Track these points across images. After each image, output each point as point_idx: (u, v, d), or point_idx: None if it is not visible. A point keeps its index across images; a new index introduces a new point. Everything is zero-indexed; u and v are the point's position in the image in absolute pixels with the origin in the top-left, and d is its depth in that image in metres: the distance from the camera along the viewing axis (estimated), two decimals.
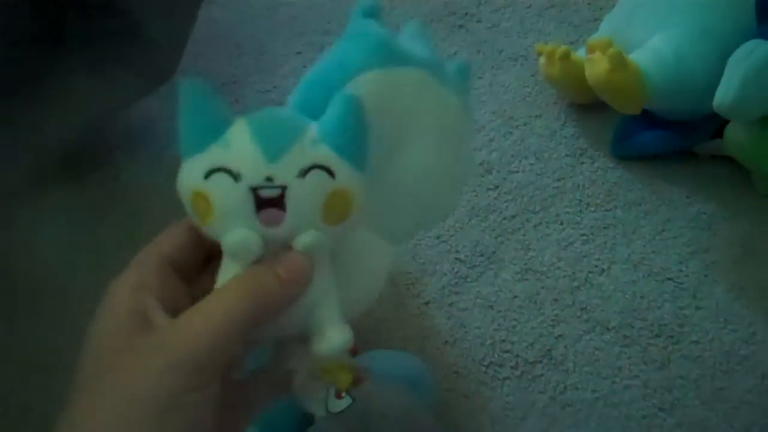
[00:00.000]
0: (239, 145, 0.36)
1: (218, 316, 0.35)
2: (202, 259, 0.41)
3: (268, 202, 0.36)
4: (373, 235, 0.42)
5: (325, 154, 0.36)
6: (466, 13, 1.11)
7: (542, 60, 0.94)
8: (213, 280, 0.38)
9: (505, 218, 0.86)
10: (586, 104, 0.95)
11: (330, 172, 0.36)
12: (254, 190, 0.36)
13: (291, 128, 0.37)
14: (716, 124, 0.83)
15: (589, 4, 1.10)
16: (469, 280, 0.81)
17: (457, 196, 0.46)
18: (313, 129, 0.37)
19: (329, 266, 0.38)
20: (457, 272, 0.81)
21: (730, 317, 0.75)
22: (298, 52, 1.09)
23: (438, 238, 0.85)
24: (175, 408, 0.33)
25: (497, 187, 0.89)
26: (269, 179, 0.36)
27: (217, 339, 0.34)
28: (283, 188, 0.36)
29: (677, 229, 0.83)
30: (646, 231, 0.83)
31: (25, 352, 0.79)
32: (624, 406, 0.71)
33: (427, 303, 0.80)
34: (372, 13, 0.43)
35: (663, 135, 0.88)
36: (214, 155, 0.37)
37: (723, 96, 0.73)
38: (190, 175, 0.37)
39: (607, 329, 0.76)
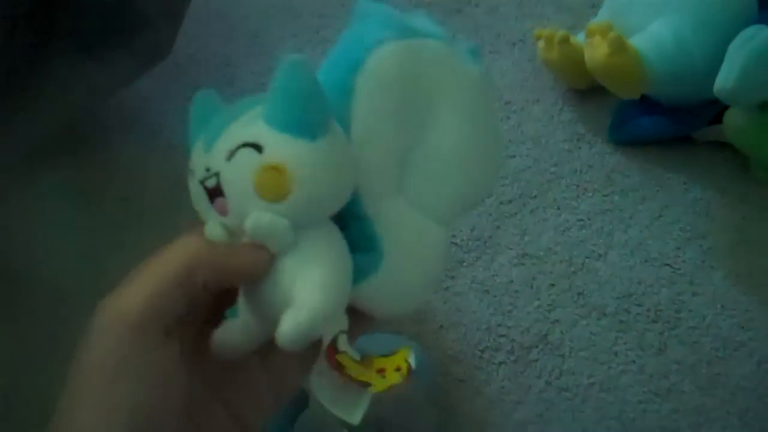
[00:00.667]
0: (197, 144, 0.37)
1: (153, 269, 0.34)
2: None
3: (215, 192, 0.36)
4: (421, 216, 0.40)
5: (254, 130, 0.35)
6: None
7: (541, 44, 0.93)
8: None
9: (501, 203, 0.85)
10: (584, 89, 0.95)
11: (257, 147, 0.35)
12: (202, 182, 0.36)
13: (234, 113, 0.37)
14: (715, 110, 0.83)
15: None
16: (465, 264, 0.80)
17: (496, 169, 0.44)
18: (257, 109, 0.36)
19: (307, 244, 0.36)
20: (454, 257, 0.81)
21: (727, 303, 0.75)
22: (294, 35, 1.09)
23: None
24: (127, 373, 0.33)
25: None
26: (207, 169, 0.36)
27: (156, 293, 0.34)
28: (218, 175, 0.35)
29: (675, 215, 0.83)
30: (643, 216, 0.83)
31: (19, 336, 0.78)
32: (620, 391, 0.71)
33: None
34: None
35: (661, 120, 0.87)
36: (190, 158, 0.37)
37: (724, 81, 0.73)
38: (190, 171, 0.38)
39: (604, 314, 0.76)
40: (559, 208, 0.84)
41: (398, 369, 0.39)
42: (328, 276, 0.36)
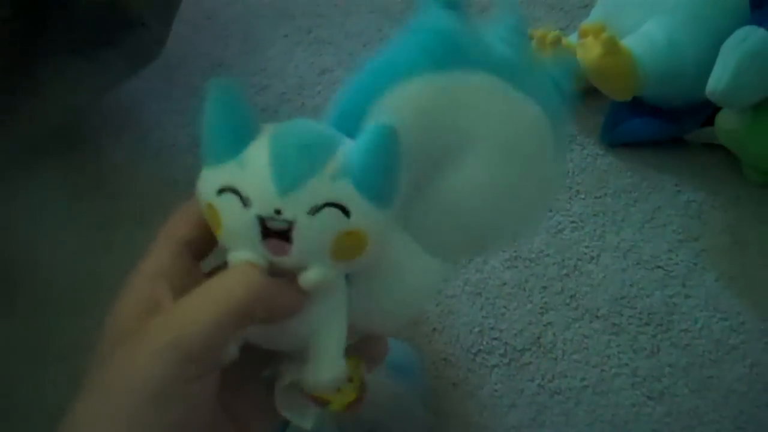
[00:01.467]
0: (255, 169, 0.35)
1: (215, 298, 0.34)
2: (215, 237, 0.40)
3: (277, 234, 0.35)
4: (420, 250, 0.39)
5: (343, 191, 0.34)
6: None
7: (533, 45, 0.93)
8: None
9: None
10: (576, 91, 0.95)
11: (345, 211, 0.34)
12: (261, 219, 0.35)
13: (313, 156, 0.34)
14: (707, 112, 0.83)
15: None
16: (457, 266, 0.80)
17: (529, 218, 0.42)
18: (340, 157, 0.34)
19: (342, 296, 0.37)
20: None
21: (720, 306, 0.75)
22: (286, 35, 1.08)
23: None
24: (167, 399, 0.32)
25: None
26: (278, 212, 0.34)
27: (212, 322, 0.33)
28: (291, 223, 0.34)
29: (667, 217, 0.82)
30: (635, 219, 0.83)
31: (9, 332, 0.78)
32: (613, 394, 0.71)
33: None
34: (453, 4, 0.39)
35: (653, 122, 0.87)
36: (229, 173, 0.35)
37: (716, 82, 0.73)
38: (205, 186, 0.36)
39: (596, 317, 0.75)
40: (551, 210, 0.84)
41: (350, 380, 0.39)
42: (344, 330, 0.37)
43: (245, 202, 0.34)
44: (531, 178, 0.39)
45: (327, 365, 0.36)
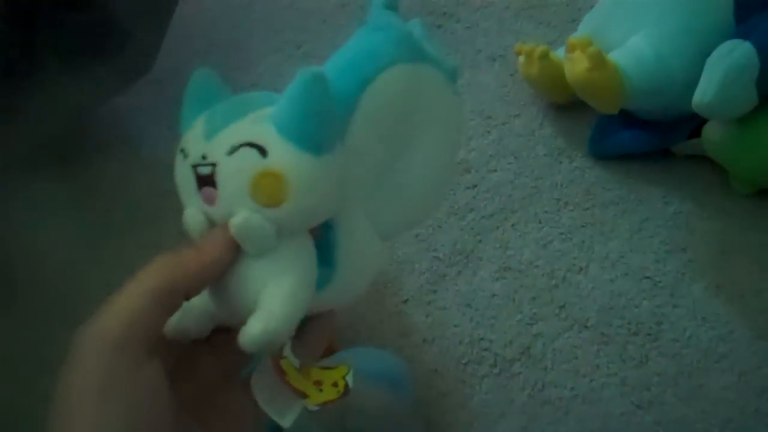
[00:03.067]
0: (195, 126, 0.37)
1: (131, 290, 0.34)
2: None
3: (206, 181, 0.36)
4: (372, 229, 0.41)
5: (261, 132, 0.35)
6: (444, 13, 1.11)
7: (521, 59, 0.94)
8: None
9: (483, 217, 0.86)
10: (564, 104, 0.96)
11: (261, 150, 0.35)
12: (194, 167, 0.36)
13: (240, 108, 0.37)
14: (694, 124, 0.84)
15: (566, 4, 1.10)
16: (447, 278, 0.81)
17: (443, 197, 0.45)
18: (267, 109, 0.36)
19: (285, 252, 0.37)
20: (436, 270, 0.81)
21: (708, 315, 0.76)
22: (275, 50, 1.09)
23: (416, 236, 0.84)
24: (114, 389, 0.33)
25: (475, 186, 0.89)
26: (204, 157, 0.36)
27: (130, 310, 0.34)
28: (214, 166, 0.35)
29: (654, 228, 0.83)
30: (623, 230, 0.83)
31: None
32: (602, 403, 0.71)
33: (405, 301, 0.79)
34: (392, 5, 0.42)
35: (640, 134, 0.88)
36: (185, 137, 0.38)
37: (702, 95, 0.74)
38: (180, 148, 0.38)
39: (585, 327, 0.76)
40: (540, 222, 0.85)
41: (335, 385, 0.40)
42: (299, 287, 0.37)
43: (185, 155, 0.37)
44: (455, 154, 0.45)
45: (255, 319, 0.35)
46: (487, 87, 1.00)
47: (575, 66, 0.81)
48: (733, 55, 0.73)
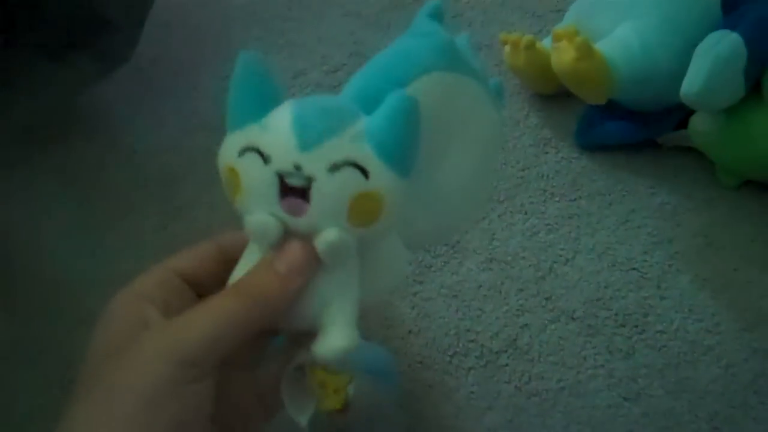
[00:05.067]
0: (276, 128, 0.36)
1: (215, 312, 0.35)
2: (219, 273, 0.40)
3: (294, 191, 0.35)
4: (399, 241, 0.41)
5: (363, 152, 0.35)
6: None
7: (507, 49, 0.93)
8: None
9: None
10: (550, 94, 0.95)
11: (364, 172, 0.34)
12: (281, 176, 0.35)
13: (335, 119, 0.36)
14: (681, 115, 0.83)
15: None
16: (433, 269, 0.80)
17: (479, 213, 0.46)
18: (361, 124, 0.35)
19: (353, 267, 0.37)
20: (421, 261, 0.80)
21: (695, 307, 0.75)
22: (258, 38, 1.08)
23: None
24: (167, 399, 0.33)
25: None
26: (297, 168, 0.34)
27: (212, 332, 0.34)
28: (310, 180, 0.34)
29: (641, 220, 0.83)
30: (610, 221, 0.83)
31: None
32: (589, 395, 0.70)
33: (390, 292, 0.79)
34: (438, 15, 0.43)
35: (627, 125, 0.88)
36: (251, 133, 0.36)
37: (690, 85, 0.73)
38: (227, 149, 0.37)
39: (572, 319, 0.75)
40: (526, 213, 0.84)
41: (336, 392, 0.40)
42: (356, 303, 0.38)
43: (266, 159, 0.35)
44: (491, 175, 0.47)
45: (338, 335, 0.36)
46: None
47: (562, 56, 0.81)
48: (720, 45, 0.73)
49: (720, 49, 0.72)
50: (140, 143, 0.94)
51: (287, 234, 0.36)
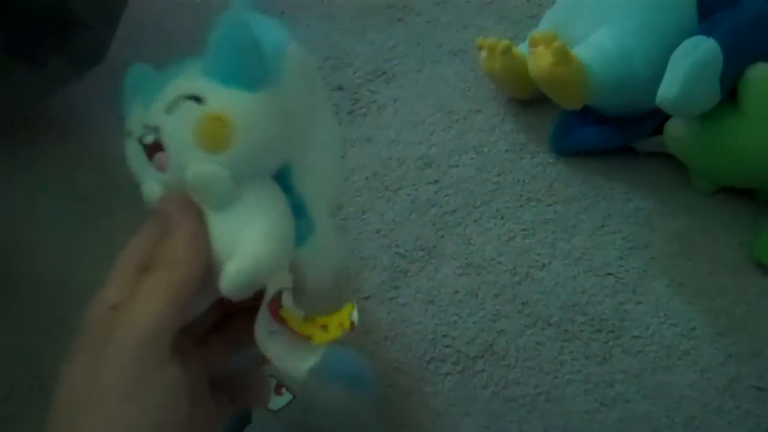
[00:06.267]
0: (132, 107, 0.37)
1: (146, 297, 0.34)
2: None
3: (154, 148, 0.35)
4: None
5: (193, 83, 0.35)
6: (405, 6, 1.10)
7: (483, 54, 0.93)
8: None
9: (445, 212, 0.85)
10: (526, 100, 0.95)
11: (197, 99, 0.34)
12: (140, 140, 0.36)
13: (174, 73, 0.37)
14: (656, 121, 0.83)
15: (527, 0, 1.09)
16: (409, 274, 0.79)
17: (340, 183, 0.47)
18: (196, 66, 0.36)
19: (251, 197, 0.36)
20: (397, 267, 0.80)
21: (670, 312, 0.76)
22: None
23: (378, 232, 0.83)
24: (139, 393, 0.33)
25: (437, 181, 0.88)
26: (145, 126, 0.35)
27: (153, 317, 0.34)
28: (157, 129, 0.35)
29: (617, 225, 0.83)
30: (586, 226, 0.83)
31: None
32: (566, 401, 0.70)
33: (366, 298, 0.78)
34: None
35: (603, 131, 0.88)
36: (127, 122, 0.37)
37: (666, 91, 0.73)
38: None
39: (549, 324, 0.75)
40: (502, 218, 0.84)
41: (341, 325, 0.40)
42: (271, 228, 0.36)
43: (129, 135, 0.37)
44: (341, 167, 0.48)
45: (234, 259, 0.35)
46: (448, 82, 0.99)
47: (539, 61, 0.81)
48: (697, 51, 0.73)
49: (696, 55, 0.72)
50: (113, 146, 0.93)
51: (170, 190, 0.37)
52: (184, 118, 0.34)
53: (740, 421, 0.68)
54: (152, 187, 0.36)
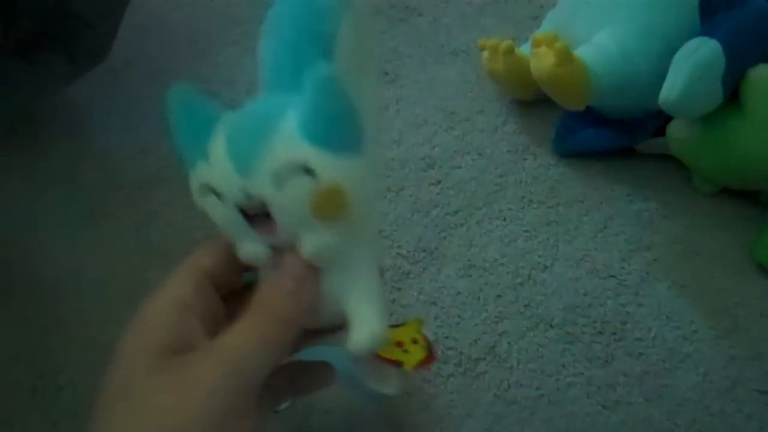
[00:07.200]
0: (217, 161, 0.35)
1: (257, 338, 0.35)
2: (239, 273, 0.41)
3: (258, 215, 0.35)
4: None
5: (301, 152, 0.34)
6: (407, 7, 1.10)
7: (485, 55, 0.93)
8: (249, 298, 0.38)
9: (447, 214, 0.84)
10: (528, 101, 0.95)
11: (309, 171, 0.33)
12: (239, 207, 0.34)
13: (262, 131, 0.34)
14: (658, 123, 0.83)
15: (529, 1, 1.09)
16: (411, 276, 0.79)
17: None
18: (290, 122, 0.34)
19: (362, 255, 0.37)
20: (399, 268, 0.80)
21: (672, 314, 0.75)
22: (234, 42, 1.06)
23: (380, 233, 0.83)
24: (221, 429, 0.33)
25: (439, 182, 0.87)
26: (247, 195, 0.34)
27: (263, 360, 0.35)
28: (263, 203, 0.34)
29: (619, 227, 0.83)
30: (588, 228, 0.83)
31: None
32: (568, 403, 0.70)
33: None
34: None
35: (605, 132, 0.88)
36: (201, 172, 0.35)
37: (668, 92, 0.73)
38: (193, 192, 0.37)
39: (551, 326, 0.75)
40: (504, 219, 0.84)
41: (415, 341, 0.40)
42: (376, 281, 0.38)
43: (219, 196, 0.34)
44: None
45: (363, 331, 0.37)
46: (450, 82, 0.99)
47: (541, 61, 0.81)
48: (699, 52, 0.73)
49: (699, 56, 0.72)
50: (114, 146, 0.93)
51: (280, 247, 0.36)
52: (297, 192, 0.34)
53: (742, 425, 0.68)
54: (257, 248, 0.36)
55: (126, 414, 0.33)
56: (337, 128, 0.34)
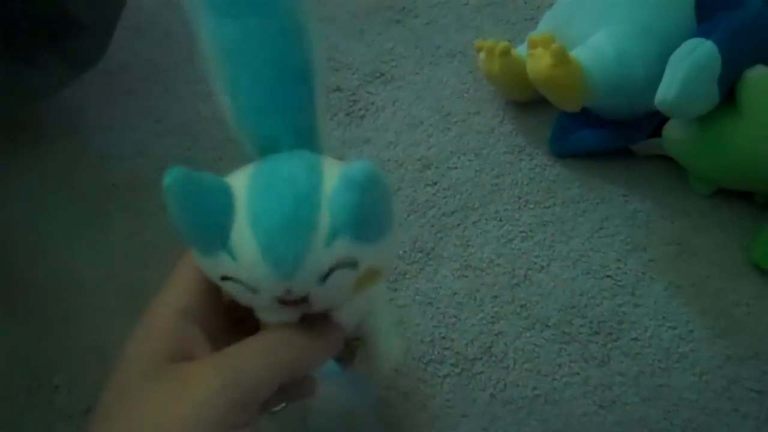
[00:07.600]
0: (248, 261, 0.33)
1: (267, 357, 0.35)
2: None
3: (296, 301, 0.35)
4: None
5: (343, 252, 0.33)
6: (403, 8, 1.10)
7: (482, 56, 0.93)
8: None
9: (444, 214, 0.84)
10: (525, 102, 0.95)
11: (352, 264, 0.34)
12: (276, 297, 0.35)
13: (299, 232, 0.33)
14: (654, 123, 0.83)
15: (525, 2, 1.09)
16: (407, 276, 0.79)
17: None
18: (325, 219, 0.33)
19: (374, 293, 0.39)
20: (396, 268, 0.80)
21: (668, 315, 0.75)
22: None
23: None
24: None
25: (436, 183, 0.87)
26: (290, 292, 0.34)
27: (268, 376, 0.34)
28: (306, 295, 0.34)
29: (615, 227, 0.83)
30: (584, 228, 0.83)
31: None
32: (564, 403, 0.70)
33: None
34: None
35: (601, 133, 0.88)
36: (224, 265, 0.34)
37: (665, 93, 0.73)
38: (206, 270, 0.36)
39: (547, 326, 0.75)
40: (501, 220, 0.84)
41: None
42: (387, 314, 0.43)
43: (253, 290, 0.34)
44: None
45: (393, 348, 0.42)
46: (446, 84, 0.99)
47: (537, 62, 0.81)
48: (695, 53, 0.73)
49: (695, 57, 0.72)
50: (110, 147, 0.93)
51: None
52: (341, 284, 0.34)
53: (739, 424, 0.68)
54: (285, 318, 0.37)
55: (122, 419, 0.33)
56: (380, 223, 0.34)
